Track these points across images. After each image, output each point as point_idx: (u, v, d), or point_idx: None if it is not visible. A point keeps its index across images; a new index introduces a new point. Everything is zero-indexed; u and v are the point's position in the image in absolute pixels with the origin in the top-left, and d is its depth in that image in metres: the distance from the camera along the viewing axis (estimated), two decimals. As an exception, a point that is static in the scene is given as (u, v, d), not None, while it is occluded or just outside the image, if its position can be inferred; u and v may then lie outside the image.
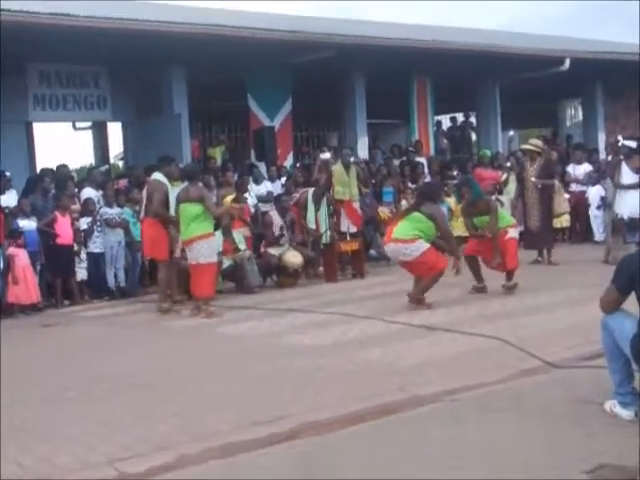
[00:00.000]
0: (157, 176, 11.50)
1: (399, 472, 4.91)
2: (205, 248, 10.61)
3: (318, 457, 5.29)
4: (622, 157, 13.63)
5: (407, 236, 10.11)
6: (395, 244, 10.24)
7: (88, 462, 5.26)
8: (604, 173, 16.03)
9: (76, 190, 13.65)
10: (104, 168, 15.88)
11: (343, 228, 13.49)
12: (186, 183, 10.94)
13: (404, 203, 15.33)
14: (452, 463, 4.97)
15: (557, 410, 5.84)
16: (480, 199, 11.36)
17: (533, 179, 13.79)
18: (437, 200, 10.82)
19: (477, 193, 11.38)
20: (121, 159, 19.42)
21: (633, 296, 5.48)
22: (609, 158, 16.87)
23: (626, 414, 5.50)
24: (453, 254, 10.46)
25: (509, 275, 11.07)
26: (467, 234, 11.87)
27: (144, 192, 11.80)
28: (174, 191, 11.21)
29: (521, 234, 15.83)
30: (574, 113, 26.46)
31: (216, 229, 12.31)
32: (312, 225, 13.55)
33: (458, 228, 14.13)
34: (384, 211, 15.53)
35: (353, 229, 13.56)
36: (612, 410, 5.61)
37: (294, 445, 5.52)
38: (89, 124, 19.82)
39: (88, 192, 13.53)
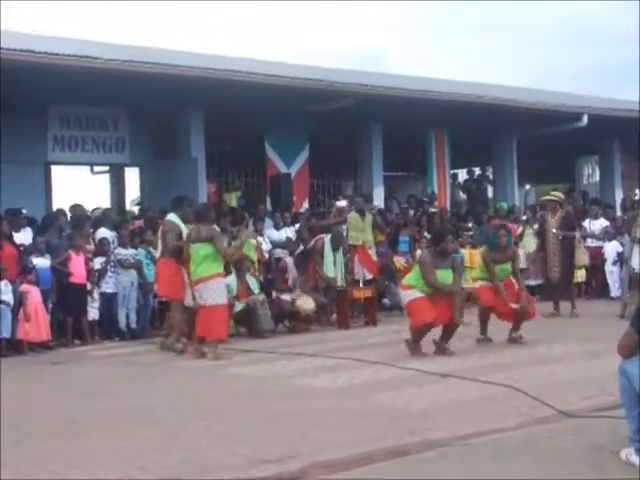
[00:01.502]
0: (171, 217, 11.53)
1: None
2: (214, 289, 10.54)
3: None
4: (639, 211, 13.57)
5: (404, 283, 10.56)
6: (400, 290, 10.74)
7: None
8: (621, 228, 15.99)
9: (91, 230, 13.67)
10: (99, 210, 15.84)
11: (357, 275, 13.44)
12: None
13: (419, 253, 15.28)
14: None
15: (571, 456, 5.72)
16: (510, 246, 11.35)
17: (554, 230, 13.79)
18: (440, 244, 10.37)
19: (510, 239, 11.37)
20: (137, 204, 19.45)
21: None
22: (625, 215, 16.85)
23: (642, 462, 5.37)
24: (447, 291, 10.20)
25: (518, 325, 10.96)
26: (473, 286, 11.77)
27: (159, 233, 11.80)
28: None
29: (539, 286, 15.98)
30: (591, 172, 26.48)
31: (229, 273, 12.34)
32: (330, 273, 13.51)
33: (467, 281, 13.96)
34: (400, 260, 15.49)
35: (368, 276, 13.52)
36: (628, 458, 5.47)
37: (302, 485, 5.43)
38: (106, 168, 19.93)
39: (103, 232, 13.56)
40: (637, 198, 14.42)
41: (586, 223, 17.11)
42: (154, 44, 19.09)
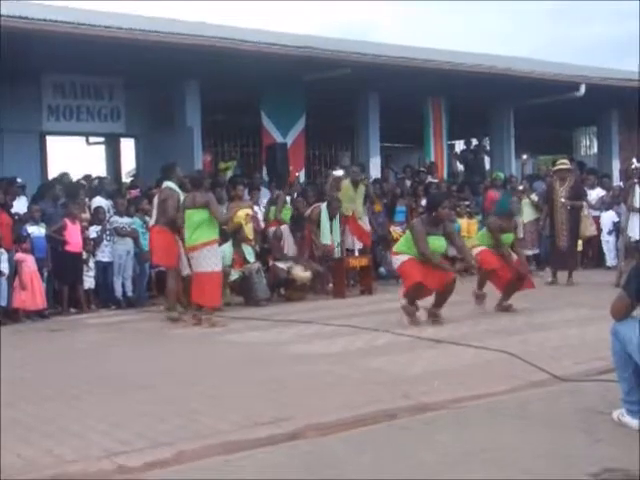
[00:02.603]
0: (169, 184, 11.47)
1: (400, 474, 4.82)
2: (209, 256, 10.53)
3: (319, 457, 5.19)
4: (636, 180, 13.55)
5: (395, 249, 10.57)
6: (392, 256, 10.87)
7: (87, 455, 5.20)
8: (617, 198, 15.99)
9: (87, 199, 13.63)
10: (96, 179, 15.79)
11: (348, 244, 13.46)
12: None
13: (415, 222, 15.31)
14: (455, 467, 4.88)
15: (564, 418, 5.76)
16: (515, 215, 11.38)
17: (563, 200, 13.80)
18: (437, 209, 10.13)
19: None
20: (132, 176, 19.39)
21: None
22: (622, 184, 16.85)
23: (634, 422, 5.39)
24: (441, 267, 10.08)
25: (510, 294, 10.97)
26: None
27: (154, 201, 11.75)
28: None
29: (536, 256, 16.06)
30: (589, 144, 26.43)
31: (226, 241, 12.34)
32: (327, 241, 13.49)
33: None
34: (396, 230, 15.46)
35: (358, 245, 13.52)
36: (620, 419, 5.51)
37: (295, 445, 5.44)
38: (102, 139, 19.86)
39: (99, 201, 13.53)
40: (633, 167, 14.35)
41: (584, 193, 17.10)
42: (151, 13, 18.96)
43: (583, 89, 19.29)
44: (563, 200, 13.90)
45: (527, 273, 11.21)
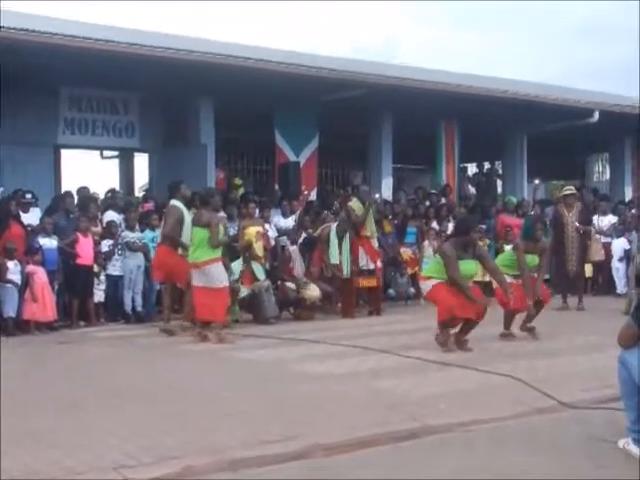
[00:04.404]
0: (174, 202, 11.61)
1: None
2: (213, 273, 10.62)
3: (325, 477, 5.21)
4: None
5: (424, 274, 10.34)
6: (420, 281, 10.58)
7: (94, 467, 5.23)
8: (629, 225, 15.99)
9: (99, 213, 13.71)
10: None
11: (362, 263, 13.48)
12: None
13: (426, 244, 15.34)
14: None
15: (569, 445, 5.76)
16: (542, 241, 11.18)
17: (577, 224, 13.90)
18: (468, 234, 9.90)
19: (547, 232, 11.34)
20: (145, 191, 19.49)
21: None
22: (633, 211, 16.86)
23: (639, 451, 5.39)
24: (468, 297, 9.71)
25: (532, 317, 10.88)
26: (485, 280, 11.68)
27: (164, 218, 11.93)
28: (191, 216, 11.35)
29: (546, 281, 16.02)
30: (602, 170, 26.45)
31: (237, 258, 12.41)
32: (336, 260, 13.49)
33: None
34: (406, 252, 15.52)
35: (371, 265, 13.54)
36: (625, 447, 5.51)
37: (301, 465, 5.45)
38: (116, 153, 19.98)
39: (110, 215, 13.61)
40: (645, 195, 14.43)
41: (594, 219, 17.10)
42: (168, 30, 19.10)
43: (597, 115, 19.33)
44: (577, 224, 13.99)
45: (543, 295, 11.03)
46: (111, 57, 13.31)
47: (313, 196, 17.69)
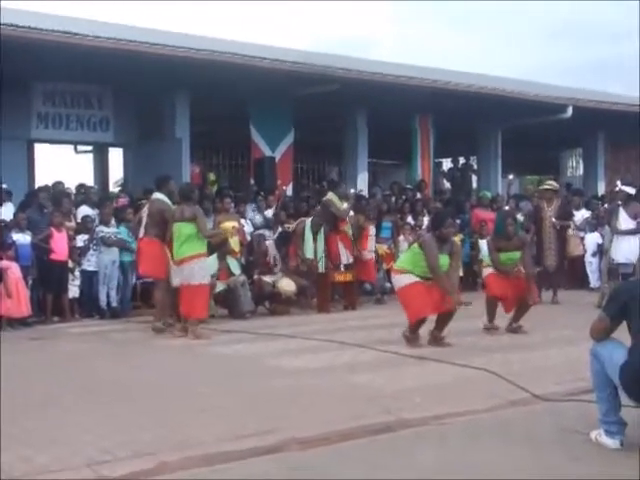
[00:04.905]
0: (158, 196, 11.32)
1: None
2: (197, 269, 10.58)
3: (301, 471, 5.22)
4: (620, 203, 13.65)
5: (398, 266, 10.12)
6: (392, 274, 10.35)
7: (67, 464, 5.21)
8: (602, 219, 16.10)
9: (73, 208, 13.61)
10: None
11: (343, 259, 13.51)
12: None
13: (402, 239, 15.37)
14: (435, 483, 4.93)
15: (543, 437, 5.81)
16: (517, 235, 10.93)
17: (554, 220, 14.00)
18: (440, 229, 9.84)
19: (518, 228, 11.17)
20: (119, 186, 19.40)
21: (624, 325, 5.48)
22: (606, 205, 16.97)
23: (611, 443, 5.46)
24: (444, 290, 9.64)
25: (520, 315, 10.83)
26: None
27: (142, 212, 11.66)
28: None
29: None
30: (575, 165, 26.62)
31: (212, 253, 12.36)
32: (310, 255, 13.49)
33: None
34: (382, 247, 15.52)
35: (350, 259, 13.58)
36: (597, 439, 5.57)
37: (277, 459, 5.47)
38: (90, 148, 19.88)
39: (85, 210, 13.52)
40: (617, 189, 14.47)
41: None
42: (143, 24, 19.01)
43: (570, 111, 19.46)
44: (554, 220, 14.10)
45: (530, 292, 10.86)
46: (85, 51, 13.25)
47: (289, 191, 17.70)
